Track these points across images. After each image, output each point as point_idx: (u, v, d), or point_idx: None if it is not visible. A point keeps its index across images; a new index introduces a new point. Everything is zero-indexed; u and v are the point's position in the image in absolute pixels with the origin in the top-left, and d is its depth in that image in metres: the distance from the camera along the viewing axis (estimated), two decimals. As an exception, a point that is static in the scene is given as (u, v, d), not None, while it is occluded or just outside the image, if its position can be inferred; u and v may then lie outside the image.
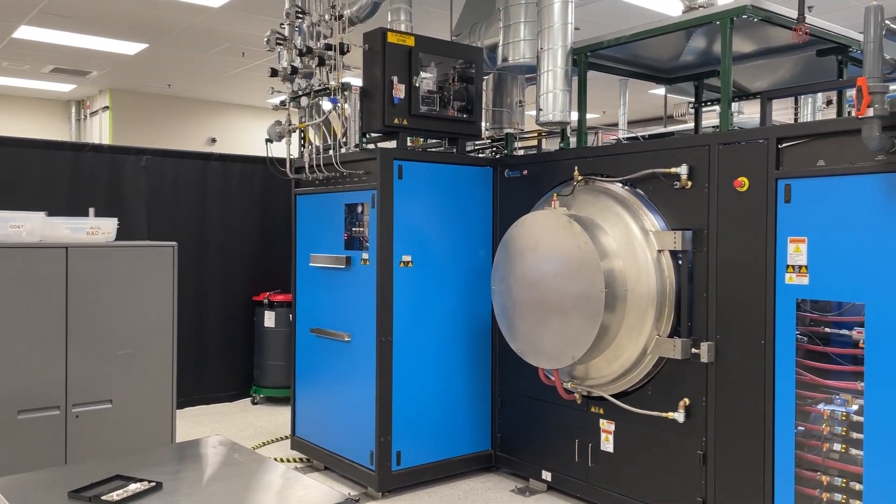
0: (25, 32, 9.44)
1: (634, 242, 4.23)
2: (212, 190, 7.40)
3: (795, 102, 7.15)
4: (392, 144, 5.04)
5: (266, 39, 5.30)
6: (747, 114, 8.13)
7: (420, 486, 5.02)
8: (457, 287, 5.14)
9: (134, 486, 2.50)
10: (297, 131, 5.40)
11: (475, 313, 5.23)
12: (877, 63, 3.21)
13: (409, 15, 5.79)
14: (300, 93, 5.21)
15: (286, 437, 6.04)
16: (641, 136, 6.48)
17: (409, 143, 5.44)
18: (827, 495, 3.53)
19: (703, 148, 4.07)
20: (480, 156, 5.83)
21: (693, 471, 4.08)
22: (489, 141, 5.89)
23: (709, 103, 5.90)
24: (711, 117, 7.33)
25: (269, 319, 7.23)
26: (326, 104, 4.92)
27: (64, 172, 6.53)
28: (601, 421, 4.56)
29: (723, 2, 4.41)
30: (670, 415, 4.14)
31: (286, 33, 5.32)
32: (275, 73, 5.24)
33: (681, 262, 4.14)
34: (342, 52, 4.99)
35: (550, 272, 4.40)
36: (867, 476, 3.38)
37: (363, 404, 4.90)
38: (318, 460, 5.39)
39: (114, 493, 2.44)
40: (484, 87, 5.76)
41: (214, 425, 6.60)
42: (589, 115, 5.15)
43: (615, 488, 4.49)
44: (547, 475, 4.89)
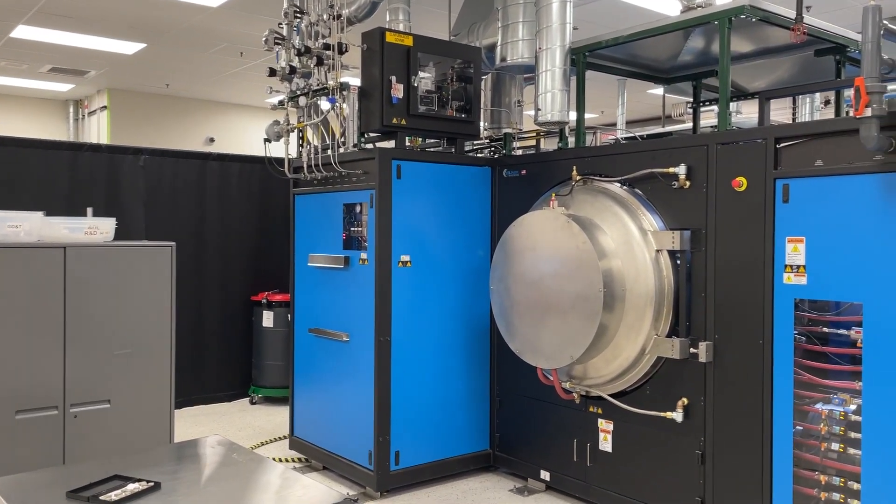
0: (23, 32, 9.43)
1: (633, 242, 4.23)
2: (210, 190, 7.40)
3: (793, 102, 7.15)
4: (390, 144, 5.04)
5: (264, 39, 5.30)
6: (745, 114, 8.13)
7: (419, 485, 5.02)
8: (455, 287, 5.14)
9: (132, 486, 2.50)
10: (296, 131, 5.39)
11: (474, 313, 5.23)
12: (875, 63, 3.21)
13: (408, 15, 5.80)
14: (298, 92, 5.21)
15: (285, 437, 6.04)
16: (640, 135, 6.49)
17: (407, 143, 5.44)
18: (825, 494, 3.53)
19: (701, 148, 4.07)
20: (479, 155, 5.83)
21: (691, 470, 4.09)
22: (488, 141, 5.90)
23: (707, 103, 5.90)
24: (709, 117, 7.33)
25: (268, 319, 7.23)
26: (325, 104, 4.92)
27: (62, 172, 6.52)
28: (599, 420, 4.57)
29: (721, 2, 4.41)
30: (669, 414, 4.14)
31: (284, 33, 5.31)
32: (273, 72, 5.24)
33: (679, 261, 4.15)
34: (340, 52, 4.99)
35: (549, 272, 4.41)
36: (865, 475, 3.39)
37: (362, 404, 4.90)
38: (317, 460, 5.39)
39: (112, 493, 2.44)
40: (482, 87, 5.75)
41: (213, 425, 6.59)
42: (587, 115, 5.15)
43: (614, 488, 4.49)
44: (545, 475, 4.90)
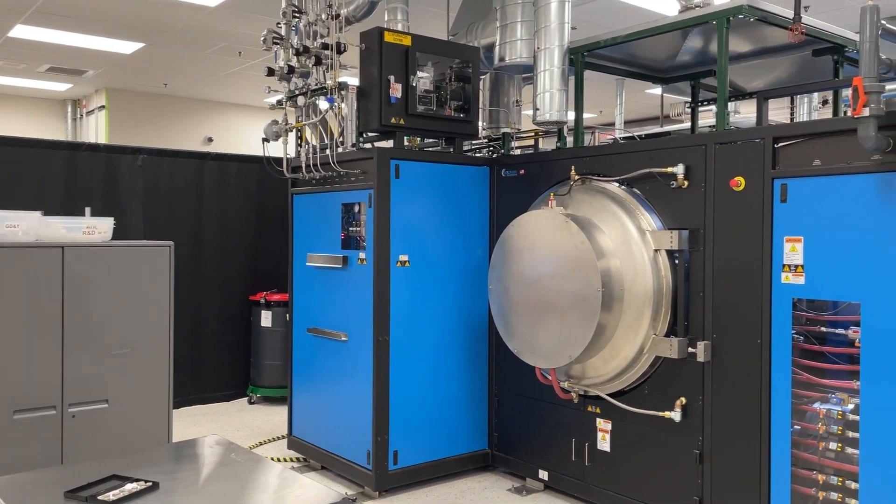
0: (21, 31, 9.42)
1: (631, 242, 4.24)
2: (208, 189, 7.39)
3: (791, 102, 7.15)
4: (389, 144, 5.04)
5: (263, 39, 5.30)
6: (743, 113, 8.15)
7: (417, 485, 5.02)
8: (454, 286, 5.14)
9: (130, 486, 2.49)
10: (294, 130, 5.39)
11: (472, 313, 5.23)
12: (872, 63, 3.21)
13: (406, 14, 5.80)
14: (297, 92, 5.20)
15: (283, 437, 6.04)
16: (638, 135, 6.49)
17: (406, 143, 5.44)
18: (823, 494, 3.53)
19: (699, 147, 4.08)
20: (477, 155, 5.83)
21: (689, 470, 4.09)
22: (486, 140, 5.90)
23: (705, 103, 5.90)
24: (708, 117, 7.34)
25: (266, 319, 7.22)
26: (323, 103, 4.92)
27: (60, 172, 6.51)
28: (598, 420, 4.57)
29: (719, 1, 4.42)
30: (667, 414, 4.14)
31: (283, 32, 5.31)
32: (271, 72, 5.24)
33: (677, 261, 4.15)
34: (339, 52, 4.99)
35: (547, 271, 4.41)
36: (863, 474, 3.39)
37: (360, 404, 4.90)
38: (315, 460, 5.39)
39: (110, 492, 2.43)
40: (481, 87, 5.76)
41: (211, 425, 6.59)
42: (585, 115, 5.15)
43: (612, 487, 4.49)
44: (544, 474, 4.90)
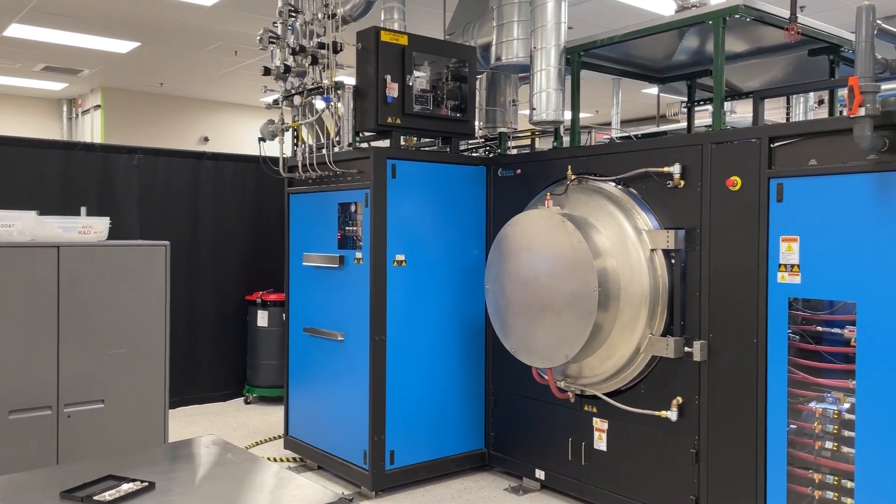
0: (16, 30, 9.39)
1: (627, 241, 4.24)
2: (204, 189, 7.38)
3: (787, 102, 7.18)
4: (385, 143, 5.04)
5: (259, 38, 5.29)
6: (740, 113, 8.16)
7: (414, 485, 5.02)
8: (450, 286, 5.14)
9: (126, 486, 2.49)
10: (291, 130, 5.39)
11: (469, 312, 5.23)
12: (868, 63, 3.22)
13: (403, 14, 5.79)
14: (293, 91, 5.20)
15: (279, 437, 6.03)
16: (634, 135, 6.51)
17: (402, 143, 5.44)
18: (819, 493, 3.54)
19: (695, 147, 4.08)
20: (474, 155, 5.83)
21: (686, 469, 4.10)
22: (483, 140, 5.90)
23: (701, 103, 5.91)
24: (704, 117, 7.36)
25: (262, 319, 7.21)
26: (319, 103, 4.92)
27: (55, 171, 6.49)
28: (594, 419, 4.57)
29: (715, 1, 4.42)
30: (663, 413, 4.15)
31: (279, 32, 5.31)
32: (268, 71, 5.23)
33: (674, 260, 4.15)
34: (335, 51, 4.99)
35: (544, 271, 4.41)
36: (859, 473, 3.40)
37: (357, 403, 4.89)
38: (312, 460, 5.39)
39: (106, 493, 2.43)
40: (477, 86, 5.75)
41: (207, 425, 6.58)
42: (582, 115, 5.16)
43: (609, 487, 4.50)
44: (540, 474, 4.90)
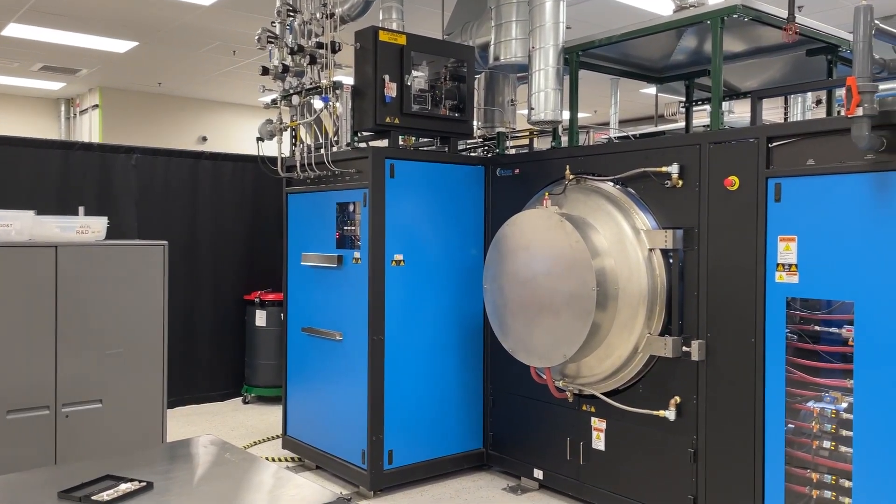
0: (14, 30, 9.38)
1: (626, 241, 4.24)
2: (203, 189, 7.37)
3: (785, 102, 7.18)
4: (384, 143, 5.03)
5: (257, 38, 5.29)
6: (738, 113, 8.17)
7: (412, 484, 5.02)
8: (449, 286, 5.14)
9: (124, 486, 2.48)
10: (289, 130, 5.38)
11: (467, 312, 5.23)
12: (866, 62, 3.22)
13: (401, 13, 5.79)
14: (291, 91, 5.20)
15: (277, 437, 6.03)
16: (632, 135, 6.51)
17: (400, 142, 5.44)
18: (817, 492, 3.55)
19: (693, 147, 4.08)
20: (472, 154, 5.83)
21: (684, 468, 4.10)
22: (481, 140, 5.90)
23: (699, 102, 5.92)
24: (702, 116, 7.36)
25: (261, 318, 7.21)
26: (318, 103, 4.91)
27: (53, 171, 6.48)
28: (593, 419, 4.58)
29: (713, 1, 4.42)
30: (661, 413, 4.15)
31: (277, 31, 5.30)
32: (266, 71, 5.23)
33: (672, 260, 4.16)
34: (333, 51, 4.98)
35: (542, 271, 4.41)
36: (857, 473, 3.40)
37: (355, 403, 4.89)
38: (310, 459, 5.39)
39: (104, 493, 2.42)
40: (475, 86, 5.76)
41: (205, 425, 6.57)
42: (580, 114, 5.16)
43: (607, 486, 4.50)
44: (539, 473, 4.90)
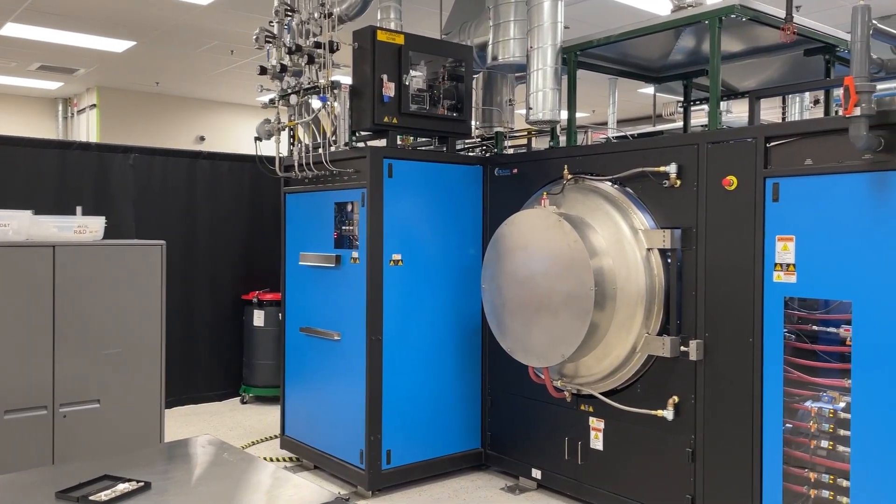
0: (12, 30, 9.36)
1: (624, 241, 4.24)
2: (200, 188, 7.37)
3: (783, 102, 7.18)
4: (382, 143, 5.03)
5: (255, 37, 5.28)
6: (735, 113, 8.18)
7: (410, 484, 5.02)
8: (447, 286, 5.14)
9: (122, 486, 2.48)
10: (287, 129, 5.38)
11: (465, 312, 5.23)
12: (864, 62, 3.23)
13: (399, 13, 5.79)
14: (289, 91, 5.19)
15: (276, 437, 6.02)
16: (631, 134, 6.51)
17: (398, 142, 5.43)
18: (815, 492, 3.55)
19: (691, 147, 4.09)
20: (470, 154, 5.83)
21: (682, 468, 4.10)
22: (479, 139, 5.90)
23: (697, 102, 5.92)
24: (700, 116, 7.37)
25: (259, 318, 7.20)
26: (316, 102, 4.91)
27: (51, 171, 6.48)
28: (591, 419, 4.58)
29: (711, 1, 4.43)
30: (659, 412, 4.15)
31: (275, 31, 5.30)
32: (264, 70, 5.22)
33: (670, 260, 4.16)
34: (332, 50, 4.98)
35: (540, 270, 4.41)
36: (854, 472, 3.41)
37: (353, 403, 4.89)
38: (308, 459, 5.38)
39: (102, 493, 2.42)
40: (474, 86, 5.75)
41: (203, 425, 6.57)
42: (578, 114, 5.16)
43: (605, 486, 4.50)
44: (537, 473, 4.90)
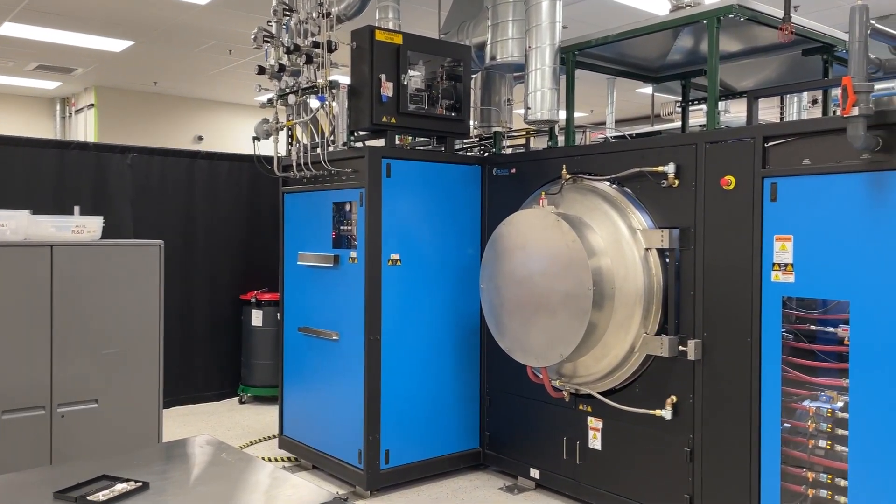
0: (9, 29, 9.35)
1: (622, 241, 4.25)
2: (198, 188, 7.36)
3: (781, 101, 7.19)
4: (380, 143, 5.03)
5: (253, 37, 5.28)
6: (734, 112, 8.18)
7: (408, 484, 5.01)
8: (445, 285, 5.14)
9: (120, 487, 2.48)
10: (285, 129, 5.37)
11: (464, 312, 5.23)
12: (862, 62, 3.23)
13: (398, 13, 5.78)
14: (288, 90, 5.19)
15: (274, 437, 6.02)
16: (629, 134, 6.52)
17: (397, 142, 5.44)
18: (812, 491, 3.55)
19: (689, 147, 4.09)
20: (469, 154, 5.83)
21: (680, 468, 4.10)
22: (477, 139, 5.90)
23: (696, 102, 5.92)
24: (698, 116, 7.37)
25: (257, 318, 7.20)
26: (314, 102, 4.90)
27: (49, 170, 6.47)
28: (589, 419, 4.58)
29: (709, 1, 4.43)
30: (658, 412, 4.15)
31: (273, 31, 5.29)
32: (262, 70, 5.22)
33: (668, 260, 4.16)
34: (330, 50, 4.98)
35: (539, 270, 4.41)
36: (852, 472, 3.41)
37: (351, 403, 4.89)
38: (307, 459, 5.38)
39: (100, 493, 2.42)
40: (472, 86, 5.75)
41: (201, 425, 6.56)
42: (577, 114, 5.16)
43: (603, 486, 4.50)
44: (535, 473, 4.90)
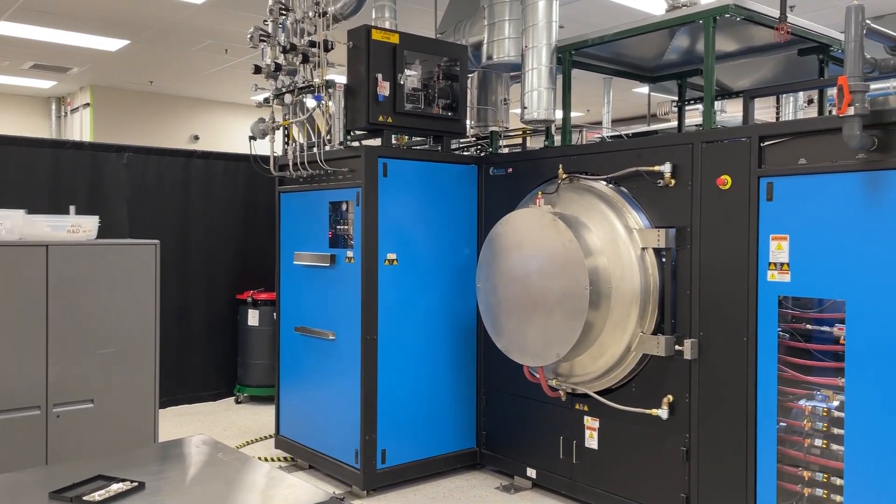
0: (5, 28, 9.32)
1: (618, 240, 4.25)
2: (195, 188, 7.35)
3: (777, 101, 7.21)
4: (377, 142, 5.03)
5: (249, 36, 5.27)
6: (730, 112, 8.20)
7: (405, 484, 5.01)
8: (442, 285, 5.14)
9: (116, 487, 2.47)
10: (281, 129, 5.37)
11: (460, 311, 5.23)
12: (858, 62, 3.24)
13: (394, 12, 5.78)
14: (284, 90, 5.18)
15: (270, 437, 6.01)
16: (625, 134, 6.52)
17: (393, 141, 5.43)
18: (808, 490, 3.56)
19: (686, 146, 4.09)
20: (465, 154, 5.83)
21: (676, 467, 4.11)
22: (474, 139, 5.90)
23: (692, 102, 5.93)
24: (694, 116, 7.39)
25: (253, 318, 7.19)
26: (310, 101, 4.90)
27: (44, 170, 6.45)
28: (586, 418, 4.58)
29: (706, 1, 4.44)
30: (654, 411, 4.16)
31: (270, 30, 5.28)
32: (258, 70, 5.21)
33: (664, 259, 4.16)
34: (326, 50, 4.97)
35: (535, 270, 4.41)
36: (848, 471, 3.42)
37: (348, 403, 4.89)
38: (303, 459, 5.38)
39: (96, 493, 2.41)
40: (469, 85, 5.76)
41: (198, 425, 6.56)
42: (573, 114, 5.17)
43: (599, 485, 4.51)
44: (532, 472, 4.91)
